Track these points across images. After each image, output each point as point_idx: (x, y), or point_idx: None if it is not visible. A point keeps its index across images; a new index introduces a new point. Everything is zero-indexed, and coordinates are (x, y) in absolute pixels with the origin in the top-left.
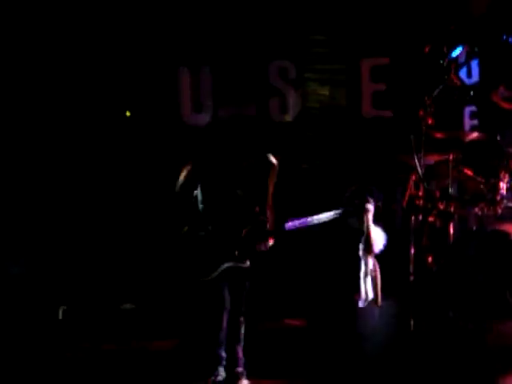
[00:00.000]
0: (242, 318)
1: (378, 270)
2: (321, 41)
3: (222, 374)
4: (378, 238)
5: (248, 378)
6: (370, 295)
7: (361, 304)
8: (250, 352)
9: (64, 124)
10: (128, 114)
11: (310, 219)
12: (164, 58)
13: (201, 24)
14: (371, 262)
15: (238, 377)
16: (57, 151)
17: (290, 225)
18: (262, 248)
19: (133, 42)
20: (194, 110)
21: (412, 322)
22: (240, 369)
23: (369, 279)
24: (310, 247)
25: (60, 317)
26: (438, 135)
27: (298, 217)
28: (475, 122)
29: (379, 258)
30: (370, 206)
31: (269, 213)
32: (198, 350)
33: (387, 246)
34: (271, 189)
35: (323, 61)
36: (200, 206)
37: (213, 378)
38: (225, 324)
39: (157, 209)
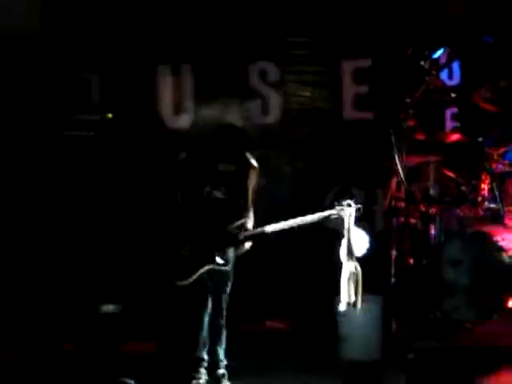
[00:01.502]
0: (223, 321)
1: (359, 272)
2: (302, 42)
3: (203, 376)
4: (361, 240)
5: (229, 380)
6: (352, 298)
7: (341, 307)
8: (231, 354)
9: (42, 125)
10: (109, 115)
11: (291, 222)
12: (144, 57)
13: (182, 23)
14: (353, 264)
15: (220, 379)
16: (35, 153)
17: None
18: (242, 250)
19: (113, 39)
20: (175, 111)
21: (394, 324)
22: (221, 371)
23: (351, 282)
24: (291, 250)
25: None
26: (420, 137)
27: (279, 219)
28: (456, 123)
29: (360, 260)
30: (352, 209)
31: (249, 215)
32: (180, 352)
33: (369, 249)
34: (252, 191)
35: (304, 62)
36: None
37: (194, 380)
38: (206, 326)
39: (138, 211)
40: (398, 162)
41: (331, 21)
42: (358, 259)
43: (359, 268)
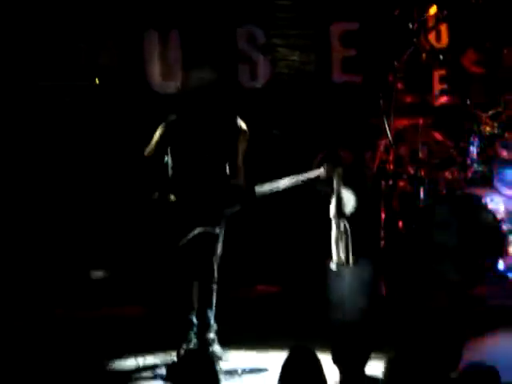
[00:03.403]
0: (213, 285)
1: (348, 231)
2: (289, 6)
3: (193, 340)
4: (348, 199)
5: (219, 344)
6: (343, 257)
7: (333, 267)
8: (221, 318)
9: (29, 93)
10: (97, 81)
11: (279, 183)
12: (132, 22)
13: None
14: (342, 224)
15: (209, 343)
16: (23, 122)
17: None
18: (231, 211)
19: (101, 5)
20: (163, 77)
21: (383, 287)
22: (211, 335)
23: (341, 241)
24: (281, 212)
25: None
26: (408, 99)
27: (268, 182)
28: (445, 86)
29: (349, 221)
30: (340, 169)
31: (239, 178)
32: (170, 316)
33: (357, 211)
34: (241, 154)
35: (292, 26)
36: (170, 171)
37: (184, 344)
38: (196, 290)
39: (127, 176)
40: (386, 124)
41: None
42: (347, 220)
43: (348, 227)
